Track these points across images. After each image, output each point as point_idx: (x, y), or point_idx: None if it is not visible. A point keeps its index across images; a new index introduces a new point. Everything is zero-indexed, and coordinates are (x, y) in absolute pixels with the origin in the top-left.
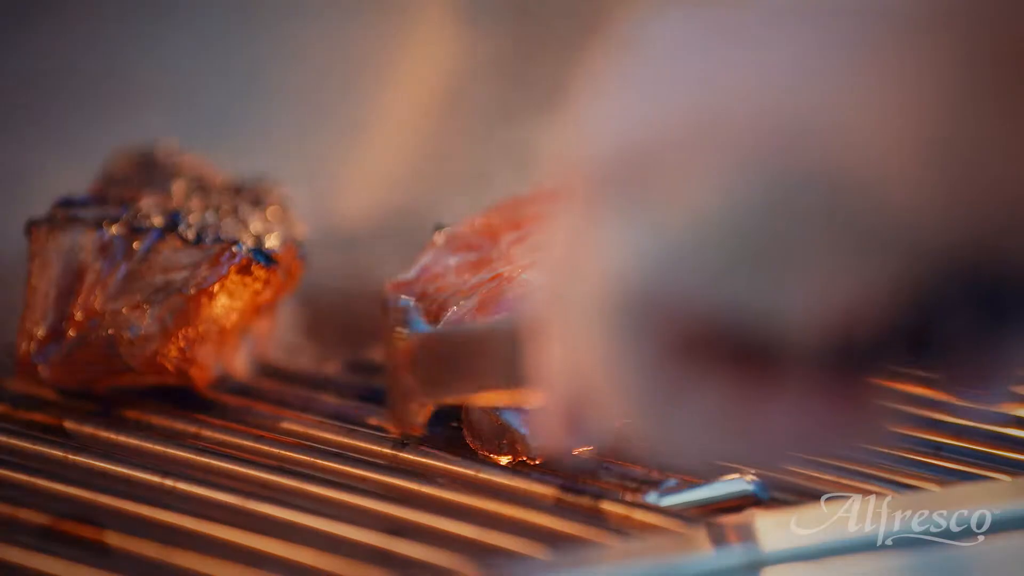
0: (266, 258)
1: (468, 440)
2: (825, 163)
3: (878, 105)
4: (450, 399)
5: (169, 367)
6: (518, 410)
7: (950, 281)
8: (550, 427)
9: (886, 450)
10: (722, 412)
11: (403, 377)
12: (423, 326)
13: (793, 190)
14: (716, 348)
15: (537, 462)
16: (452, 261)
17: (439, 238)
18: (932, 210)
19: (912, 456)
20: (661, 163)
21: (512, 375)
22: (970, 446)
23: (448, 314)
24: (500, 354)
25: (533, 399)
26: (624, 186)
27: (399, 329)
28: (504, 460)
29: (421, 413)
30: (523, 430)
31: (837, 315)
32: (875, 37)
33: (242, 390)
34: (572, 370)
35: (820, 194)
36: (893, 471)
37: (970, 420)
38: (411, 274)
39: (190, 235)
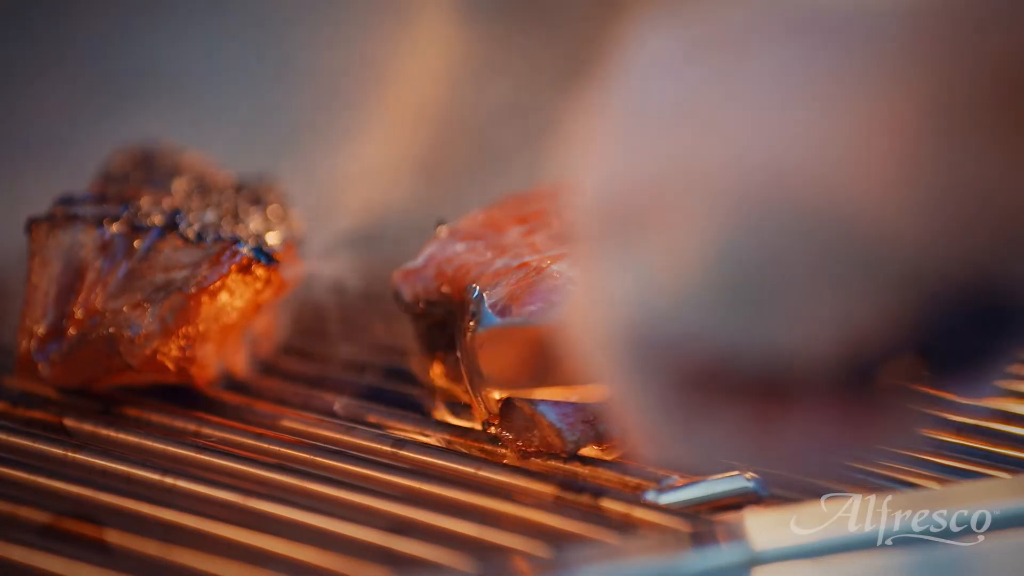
0: (267, 257)
1: (498, 432)
2: (816, 196)
3: (864, 134)
4: (518, 390)
5: (169, 365)
6: (556, 404)
7: (943, 296)
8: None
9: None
10: (749, 428)
11: (474, 367)
12: (493, 318)
13: (787, 225)
14: (733, 376)
15: (569, 456)
16: (460, 247)
17: (442, 232)
18: (922, 233)
19: (912, 454)
20: (657, 210)
21: (579, 370)
22: (970, 444)
23: (487, 301)
24: (568, 349)
25: (598, 395)
26: (623, 235)
27: (469, 321)
28: (535, 453)
29: (494, 401)
30: (559, 424)
31: (841, 338)
32: (862, 60)
33: (242, 388)
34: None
35: (813, 226)
36: (893, 469)
37: (970, 418)
38: (419, 262)
39: (191, 234)
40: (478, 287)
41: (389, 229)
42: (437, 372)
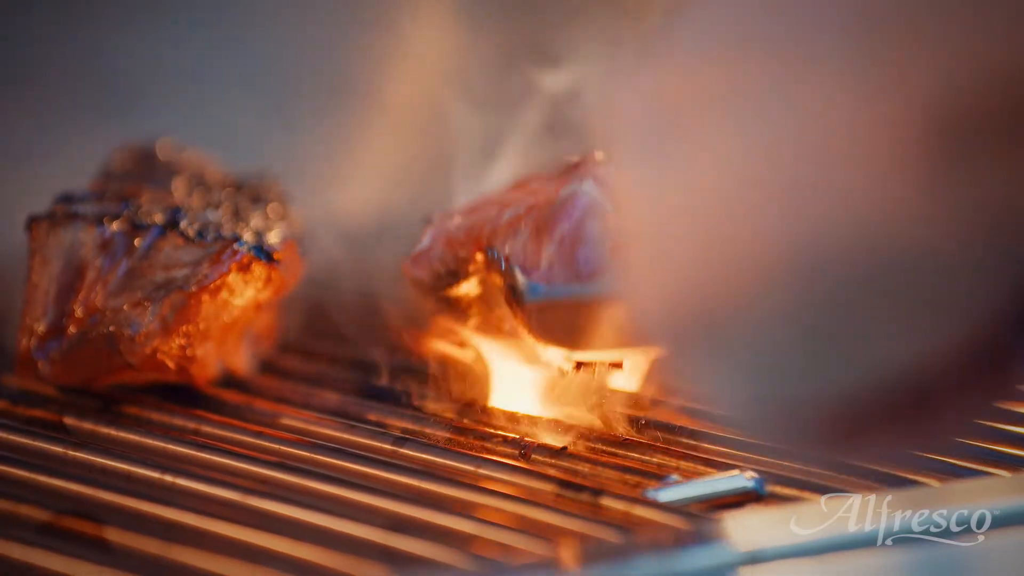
0: (267, 255)
1: (586, 371)
2: (851, 234)
3: (879, 150)
4: (585, 351)
5: (170, 364)
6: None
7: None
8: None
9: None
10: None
11: (533, 337)
12: (535, 289)
13: (837, 268)
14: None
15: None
16: (459, 219)
17: (435, 218)
18: (954, 240)
19: (912, 452)
20: (713, 298)
21: (623, 334)
22: (970, 441)
23: (507, 253)
24: (610, 315)
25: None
26: (693, 333)
27: (512, 296)
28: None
29: (567, 359)
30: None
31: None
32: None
33: (242, 387)
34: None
35: (860, 263)
36: (892, 467)
37: (970, 416)
38: (425, 243)
39: (191, 232)
40: (501, 254)
41: (389, 226)
42: (475, 342)
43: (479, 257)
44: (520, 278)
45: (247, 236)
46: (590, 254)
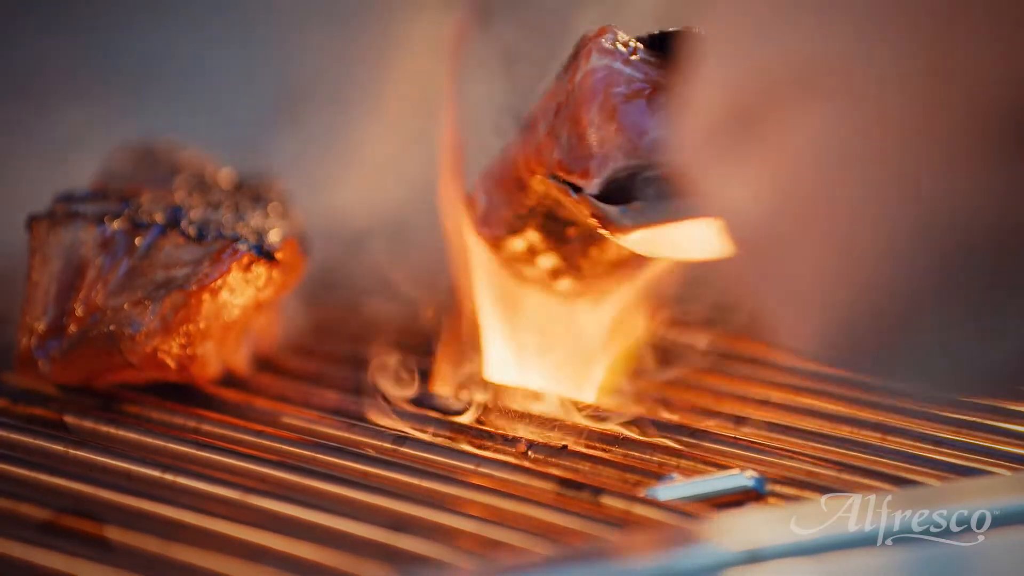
0: (267, 254)
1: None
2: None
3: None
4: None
5: (170, 363)
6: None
7: None
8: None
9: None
10: None
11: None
12: (626, 212)
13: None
14: None
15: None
16: (498, 161)
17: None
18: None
19: (912, 451)
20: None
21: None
22: (970, 440)
23: (558, 158)
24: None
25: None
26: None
27: (600, 220)
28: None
29: None
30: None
31: None
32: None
33: (242, 385)
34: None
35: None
36: (892, 466)
37: (970, 414)
38: (481, 203)
39: (192, 231)
40: (556, 172)
41: (389, 225)
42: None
43: (535, 183)
44: (604, 207)
45: (247, 235)
46: (633, 116)
